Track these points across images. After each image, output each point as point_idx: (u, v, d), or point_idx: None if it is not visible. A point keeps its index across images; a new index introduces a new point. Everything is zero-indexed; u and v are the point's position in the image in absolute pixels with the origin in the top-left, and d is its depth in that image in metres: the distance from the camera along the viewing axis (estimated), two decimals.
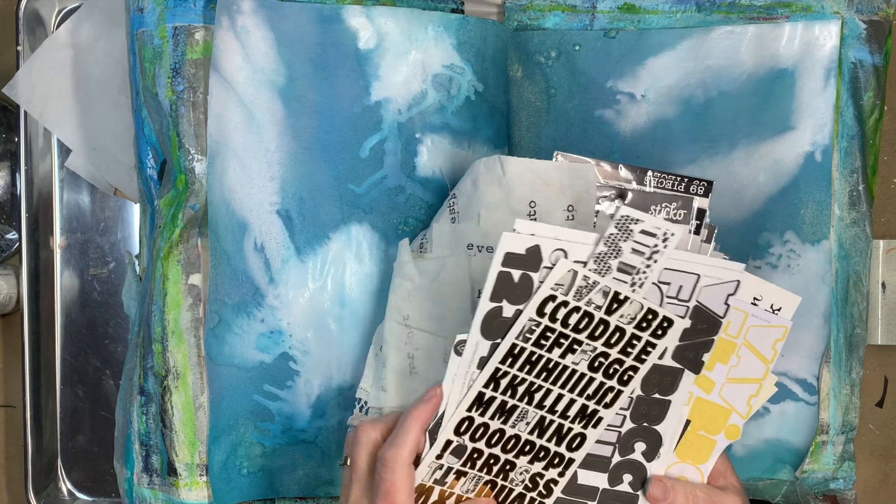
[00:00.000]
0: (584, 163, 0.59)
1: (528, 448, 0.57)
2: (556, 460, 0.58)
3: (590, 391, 0.56)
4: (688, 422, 0.59)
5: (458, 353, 0.56)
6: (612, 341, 0.56)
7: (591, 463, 0.59)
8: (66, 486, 0.79)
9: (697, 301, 0.57)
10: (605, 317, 0.55)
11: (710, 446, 0.60)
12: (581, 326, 0.55)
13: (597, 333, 0.55)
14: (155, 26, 0.64)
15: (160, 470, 0.65)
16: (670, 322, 0.56)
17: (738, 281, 0.57)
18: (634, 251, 0.55)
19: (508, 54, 0.69)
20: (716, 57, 0.68)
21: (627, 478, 0.59)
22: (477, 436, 0.56)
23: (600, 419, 0.57)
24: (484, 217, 0.59)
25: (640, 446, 0.59)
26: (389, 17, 0.65)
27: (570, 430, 0.57)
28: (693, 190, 0.59)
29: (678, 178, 0.59)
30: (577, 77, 0.68)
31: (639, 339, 0.56)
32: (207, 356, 0.64)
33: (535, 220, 0.59)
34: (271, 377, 0.65)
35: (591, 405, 0.57)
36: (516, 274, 0.54)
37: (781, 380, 0.67)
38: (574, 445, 0.57)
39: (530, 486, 0.58)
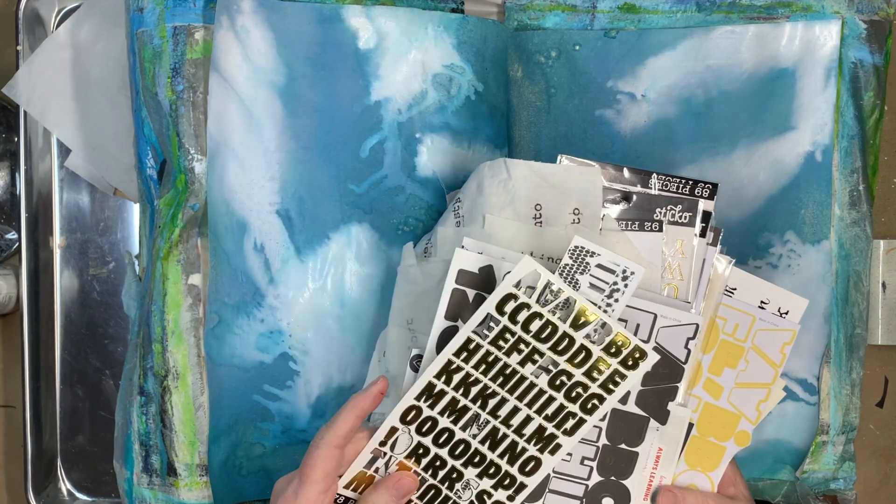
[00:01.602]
0: (589, 166, 0.59)
1: (477, 459, 0.56)
2: (507, 481, 0.56)
3: (549, 411, 0.55)
4: (690, 425, 0.59)
5: (415, 370, 0.56)
6: (577, 361, 0.54)
7: None
8: (65, 486, 0.79)
9: (656, 342, 0.56)
10: (570, 331, 0.54)
11: (719, 453, 0.60)
12: (543, 336, 0.54)
13: (560, 347, 0.54)
14: (155, 26, 0.64)
15: (160, 470, 0.65)
16: (643, 353, 0.54)
17: (697, 324, 0.56)
18: (592, 286, 0.54)
19: (508, 54, 0.69)
20: (716, 57, 0.68)
21: None
22: (424, 430, 0.56)
23: (558, 446, 0.56)
24: (489, 220, 0.59)
25: (607, 501, 0.58)
26: (389, 16, 0.65)
27: (524, 450, 0.56)
28: (698, 192, 0.59)
29: (683, 181, 0.59)
30: (577, 77, 0.68)
31: (607, 365, 0.54)
32: (207, 356, 0.64)
33: (540, 223, 0.59)
34: (271, 377, 0.65)
35: (550, 427, 0.56)
36: (471, 293, 0.55)
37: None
38: (528, 469, 0.56)
39: (476, 503, 0.57)
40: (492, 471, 0.56)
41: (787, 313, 0.59)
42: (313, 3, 0.65)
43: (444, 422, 0.56)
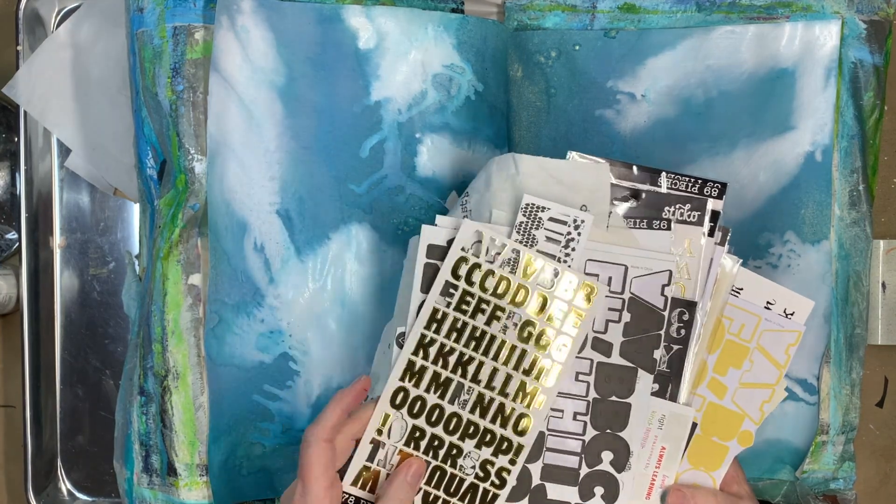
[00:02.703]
0: (598, 163, 0.59)
1: (472, 430, 0.57)
2: (504, 446, 0.57)
3: (525, 365, 0.57)
4: (694, 424, 0.59)
5: (400, 346, 0.57)
6: (537, 308, 0.56)
7: (559, 475, 0.58)
8: (65, 486, 0.79)
9: (631, 293, 0.57)
10: (523, 281, 0.56)
11: (722, 452, 0.60)
12: (500, 291, 0.56)
13: (518, 299, 0.56)
14: (155, 26, 0.64)
15: (160, 470, 0.65)
16: (592, 287, 0.56)
17: (669, 271, 0.57)
18: (548, 239, 0.56)
19: (508, 54, 0.69)
20: (716, 57, 0.68)
21: (599, 490, 0.58)
22: (415, 411, 0.57)
23: (542, 399, 0.57)
24: (496, 215, 0.59)
25: (607, 455, 0.58)
26: (389, 16, 0.65)
27: (512, 410, 0.57)
28: (707, 192, 0.59)
29: (692, 180, 0.59)
30: (577, 77, 0.68)
31: (564, 305, 0.56)
32: (207, 356, 0.64)
33: None
34: (271, 377, 0.65)
35: (530, 381, 0.57)
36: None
37: None
38: (520, 429, 0.57)
39: (481, 474, 0.57)
40: (488, 438, 0.57)
41: (792, 314, 0.60)
42: (313, 3, 0.65)
43: (431, 398, 0.57)
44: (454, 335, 0.56)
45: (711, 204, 0.59)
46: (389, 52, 0.66)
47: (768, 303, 0.59)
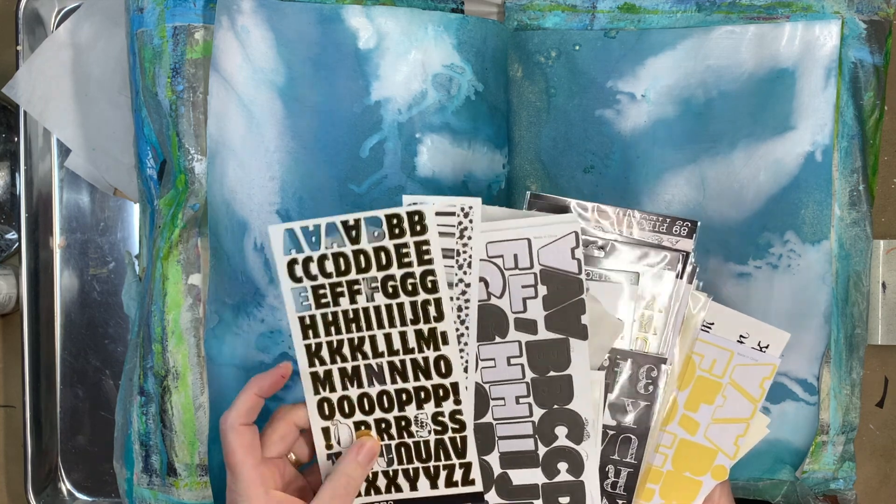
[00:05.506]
0: (562, 202, 0.58)
1: (405, 397, 0.57)
2: (441, 392, 0.57)
3: (409, 315, 0.56)
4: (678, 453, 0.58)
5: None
6: (384, 263, 0.56)
7: (519, 460, 0.58)
8: (65, 486, 0.79)
9: (541, 264, 0.56)
10: (356, 247, 0.55)
11: (696, 487, 0.59)
12: (343, 268, 0.56)
13: (363, 265, 0.56)
14: (155, 26, 0.64)
15: (160, 470, 0.65)
16: (420, 213, 0.55)
17: (575, 232, 0.56)
18: (442, 234, 0.55)
19: (508, 54, 0.69)
20: (716, 57, 0.68)
21: (563, 466, 0.58)
22: (347, 410, 0.57)
23: (444, 333, 0.56)
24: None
25: (561, 430, 0.58)
26: (389, 16, 0.65)
27: (426, 359, 0.56)
28: (676, 231, 0.58)
29: (660, 219, 0.58)
30: (577, 77, 0.68)
31: (405, 245, 0.55)
32: (207, 356, 0.64)
33: None
34: None
35: (423, 326, 0.56)
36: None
37: (782, 380, 0.67)
38: (444, 371, 0.57)
39: (439, 428, 0.57)
40: (423, 395, 0.57)
41: (766, 347, 0.59)
42: (313, 3, 0.65)
43: (354, 392, 0.57)
44: (332, 329, 0.56)
45: (681, 244, 0.58)
46: (389, 52, 0.66)
47: (741, 336, 0.59)
